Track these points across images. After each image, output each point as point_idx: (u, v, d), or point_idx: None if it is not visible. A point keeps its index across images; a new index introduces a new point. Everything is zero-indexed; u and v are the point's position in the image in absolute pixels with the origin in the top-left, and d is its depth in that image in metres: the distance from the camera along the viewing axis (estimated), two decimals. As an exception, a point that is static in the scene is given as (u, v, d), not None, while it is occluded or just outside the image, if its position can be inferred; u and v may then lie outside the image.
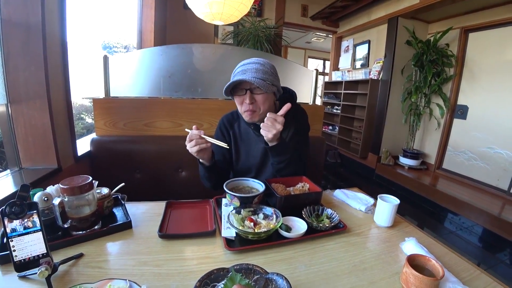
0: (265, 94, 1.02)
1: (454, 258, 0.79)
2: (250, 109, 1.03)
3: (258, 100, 1.02)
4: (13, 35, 1.20)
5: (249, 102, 1.01)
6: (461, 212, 2.79)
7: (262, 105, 1.03)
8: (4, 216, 0.60)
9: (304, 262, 0.74)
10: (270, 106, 1.07)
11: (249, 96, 1.01)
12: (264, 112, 1.03)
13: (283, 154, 1.05)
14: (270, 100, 1.05)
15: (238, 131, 1.21)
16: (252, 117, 1.05)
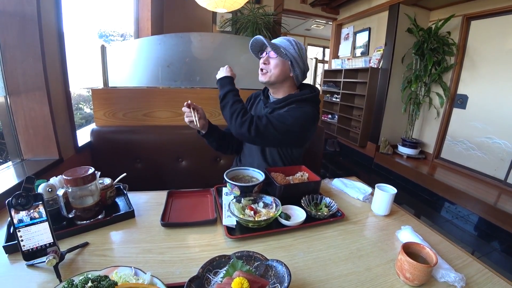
0: (277, 60, 1.13)
1: (448, 246, 0.82)
2: (263, 67, 1.15)
3: (271, 63, 1.14)
4: (9, 26, 1.18)
5: (263, 62, 1.16)
6: (457, 201, 2.84)
7: (274, 68, 1.14)
8: (11, 207, 0.62)
9: (303, 249, 0.76)
10: (280, 74, 1.15)
11: (266, 57, 1.15)
12: (275, 76, 1.14)
13: (221, 89, 1.17)
14: (282, 67, 1.14)
15: (256, 104, 1.35)
16: (263, 76, 1.16)
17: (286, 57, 1.13)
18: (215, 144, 1.25)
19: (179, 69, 1.69)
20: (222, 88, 1.16)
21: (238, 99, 1.11)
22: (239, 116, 1.04)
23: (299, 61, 1.15)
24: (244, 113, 1.06)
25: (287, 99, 1.16)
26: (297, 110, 1.12)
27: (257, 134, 1.03)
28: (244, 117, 1.04)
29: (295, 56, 1.13)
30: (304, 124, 1.11)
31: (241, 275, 0.52)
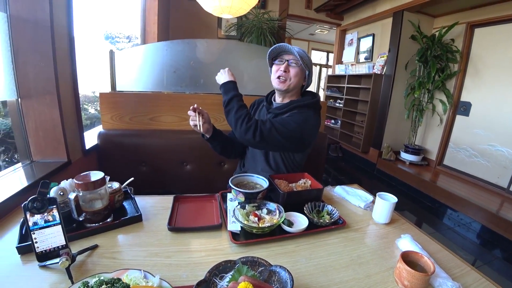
0: (298, 69, 1.15)
1: (446, 255, 0.83)
2: (282, 75, 1.15)
3: (292, 71, 1.15)
4: (22, 31, 1.22)
5: (283, 69, 1.15)
6: (460, 208, 2.83)
7: (294, 76, 1.16)
8: (26, 210, 0.65)
9: (305, 255, 0.78)
10: (298, 83, 1.19)
11: (286, 65, 1.15)
12: (293, 84, 1.17)
13: (226, 94, 1.18)
14: (300, 77, 1.18)
15: (260, 109, 1.36)
16: (282, 84, 1.17)
17: (306, 67, 1.17)
18: (218, 148, 1.28)
19: (184, 75, 1.72)
20: (226, 93, 1.18)
21: (242, 105, 1.14)
22: (244, 122, 1.06)
23: (311, 72, 1.21)
24: (249, 119, 1.07)
25: (289, 105, 1.18)
26: (299, 115, 1.14)
27: (261, 139, 1.06)
28: (249, 123, 1.06)
29: (310, 67, 1.19)
30: (306, 128, 1.13)
31: (246, 279, 0.54)
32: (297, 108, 1.17)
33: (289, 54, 1.16)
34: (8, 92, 1.23)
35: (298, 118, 1.13)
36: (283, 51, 1.17)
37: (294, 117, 1.13)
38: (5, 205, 0.94)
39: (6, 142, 2.18)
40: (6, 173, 1.22)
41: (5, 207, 0.94)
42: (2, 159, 2.17)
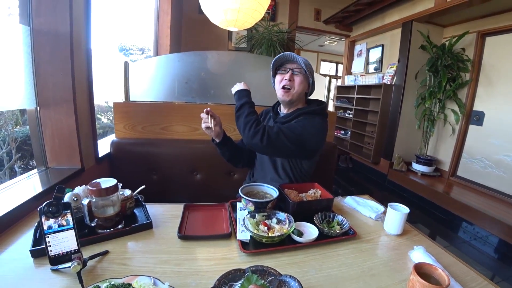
0: (302, 77, 1.17)
1: (462, 268, 0.80)
2: (287, 84, 1.16)
3: (296, 80, 1.16)
4: (43, 44, 1.28)
5: (288, 78, 1.15)
6: (475, 221, 2.74)
7: (298, 85, 1.16)
8: (42, 214, 0.67)
9: (315, 266, 0.77)
10: (302, 91, 1.19)
11: (290, 74, 1.16)
12: (297, 93, 1.17)
13: (238, 100, 1.20)
14: (304, 85, 1.19)
15: (267, 120, 1.37)
16: (286, 94, 1.17)
17: (310, 75, 1.18)
18: (227, 154, 1.29)
19: (196, 85, 1.76)
20: (239, 99, 1.20)
21: (252, 111, 1.15)
22: (252, 126, 1.07)
23: (314, 79, 1.22)
24: (257, 123, 1.08)
25: (295, 112, 1.20)
26: (306, 121, 1.16)
27: (269, 143, 1.05)
28: (257, 127, 1.07)
29: (313, 74, 1.20)
30: (313, 133, 1.13)
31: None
32: (304, 114, 1.18)
33: (292, 63, 1.18)
34: (28, 101, 1.28)
35: (305, 123, 1.14)
36: (287, 60, 1.19)
37: (301, 122, 1.15)
38: (21, 210, 0.97)
39: (23, 149, 2.26)
40: (22, 178, 1.26)
41: (20, 211, 0.96)
42: (18, 166, 2.24)
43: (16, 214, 0.95)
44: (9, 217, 0.92)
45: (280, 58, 1.18)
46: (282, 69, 1.21)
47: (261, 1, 1.78)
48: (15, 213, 0.95)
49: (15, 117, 2.36)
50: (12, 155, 2.19)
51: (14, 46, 1.19)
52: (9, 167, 2.19)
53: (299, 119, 1.17)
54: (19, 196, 1.04)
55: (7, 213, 0.92)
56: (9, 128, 2.25)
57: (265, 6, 1.94)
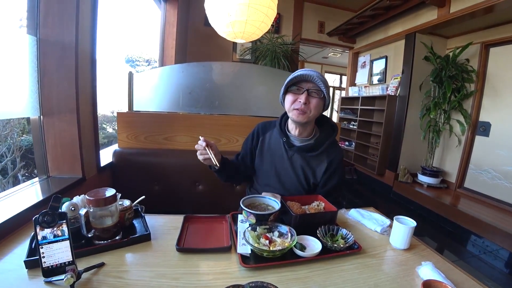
0: (319, 100, 1.06)
1: (474, 285, 0.76)
2: (302, 108, 1.05)
3: (313, 103, 1.06)
4: (49, 53, 1.30)
5: (303, 101, 1.04)
6: (484, 234, 2.65)
7: (314, 109, 1.06)
8: (37, 224, 0.65)
9: (319, 282, 0.74)
10: (318, 114, 1.12)
11: (306, 96, 1.05)
12: (314, 116, 1.08)
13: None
14: (320, 108, 1.10)
15: (269, 139, 1.26)
16: (302, 117, 1.07)
17: (327, 96, 1.07)
18: (224, 177, 1.23)
19: (200, 96, 1.77)
20: None
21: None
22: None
23: (330, 98, 1.13)
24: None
25: (318, 146, 1.15)
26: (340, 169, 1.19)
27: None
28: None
29: (329, 95, 1.10)
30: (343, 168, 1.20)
31: (254, 307, 0.51)
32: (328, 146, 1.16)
33: (308, 83, 1.05)
34: (32, 109, 1.29)
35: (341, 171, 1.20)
36: (304, 79, 1.05)
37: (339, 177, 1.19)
38: (18, 219, 0.95)
39: (27, 157, 2.27)
40: (23, 187, 1.25)
41: (18, 221, 0.95)
42: (22, 174, 2.25)
43: (14, 223, 0.93)
44: (6, 227, 0.90)
45: (297, 77, 1.05)
46: (297, 87, 1.07)
47: (268, 13, 1.79)
48: (12, 222, 0.93)
49: (22, 125, 2.38)
50: (17, 163, 2.21)
51: (20, 56, 1.21)
52: (13, 175, 2.20)
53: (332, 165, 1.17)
54: (18, 205, 1.03)
55: (3, 222, 0.90)
56: (15, 136, 2.27)
57: (272, 18, 1.96)
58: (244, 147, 1.32)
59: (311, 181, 1.20)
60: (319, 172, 1.19)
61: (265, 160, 1.25)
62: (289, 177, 1.20)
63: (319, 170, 1.19)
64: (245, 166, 1.30)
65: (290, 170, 1.20)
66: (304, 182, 1.20)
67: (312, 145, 1.15)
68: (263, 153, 1.26)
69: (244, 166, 1.30)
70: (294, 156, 1.19)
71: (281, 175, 1.22)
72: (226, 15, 1.70)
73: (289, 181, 1.21)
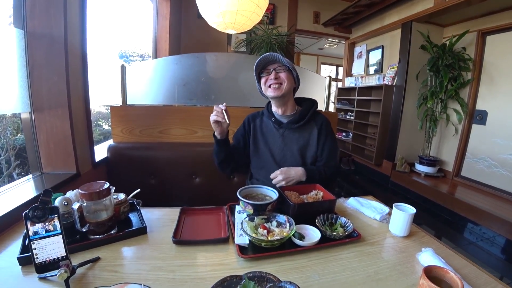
0: (286, 73, 1.18)
1: (474, 270, 0.76)
2: (275, 82, 1.17)
3: (282, 76, 1.18)
4: (38, 47, 1.26)
5: (274, 77, 1.17)
6: (481, 221, 2.68)
7: (286, 80, 1.18)
8: (27, 219, 0.63)
9: (318, 271, 0.73)
10: (291, 86, 1.21)
11: (274, 73, 1.17)
12: (287, 88, 1.18)
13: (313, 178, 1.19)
14: (291, 80, 1.20)
15: (260, 125, 1.34)
16: (278, 90, 1.18)
17: (293, 69, 1.19)
18: (222, 156, 1.27)
19: (194, 88, 1.73)
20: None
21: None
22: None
23: (297, 76, 1.24)
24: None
25: (303, 116, 1.25)
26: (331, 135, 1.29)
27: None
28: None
29: (295, 69, 1.21)
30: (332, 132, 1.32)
31: (253, 296, 0.50)
32: (312, 116, 1.27)
33: (273, 64, 1.19)
34: (22, 105, 1.26)
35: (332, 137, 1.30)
36: (267, 62, 1.20)
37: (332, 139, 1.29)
38: (11, 216, 0.94)
39: (22, 156, 2.24)
40: (16, 184, 1.23)
41: (10, 218, 0.93)
42: (17, 173, 2.22)
43: (6, 221, 0.91)
44: (-2, 225, 0.88)
45: (260, 61, 1.18)
46: (265, 72, 1.22)
47: (259, 3, 1.76)
48: (5, 220, 0.91)
49: (16, 124, 2.34)
50: (11, 163, 2.17)
51: (8, 49, 1.17)
52: (8, 174, 2.16)
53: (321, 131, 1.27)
54: (10, 203, 1.01)
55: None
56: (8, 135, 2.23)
57: (263, 9, 1.92)
58: (236, 135, 1.39)
59: (306, 153, 1.28)
60: (312, 140, 1.27)
61: (260, 144, 1.32)
62: (284, 155, 1.28)
63: (312, 138, 1.27)
64: (239, 154, 1.34)
65: (284, 147, 1.28)
66: (299, 156, 1.27)
67: (297, 117, 1.25)
68: (256, 138, 1.33)
69: (238, 154, 1.33)
70: (285, 132, 1.27)
71: (276, 155, 1.28)
72: (216, 5, 1.67)
73: (285, 160, 1.27)
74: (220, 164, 1.30)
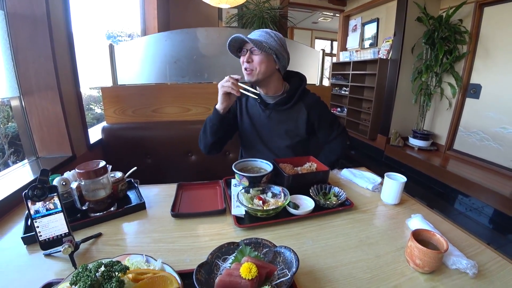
0: (261, 56, 1.08)
1: (459, 234, 0.80)
2: (247, 67, 1.09)
3: (255, 60, 1.08)
4: (20, 28, 1.21)
5: (246, 60, 1.09)
6: (471, 193, 2.77)
7: (258, 65, 1.08)
8: (27, 199, 0.64)
9: (312, 237, 0.76)
10: (268, 69, 1.10)
11: (248, 55, 1.09)
12: (261, 73, 1.09)
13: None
14: (267, 63, 1.09)
15: (245, 104, 1.29)
16: (250, 76, 1.11)
17: (270, 51, 1.07)
18: (221, 132, 1.20)
19: (186, 65, 1.70)
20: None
21: None
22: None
23: (282, 52, 1.11)
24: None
25: (290, 97, 1.18)
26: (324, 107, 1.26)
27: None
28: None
29: (278, 48, 1.09)
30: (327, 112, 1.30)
31: (249, 260, 0.53)
32: (301, 97, 1.20)
33: (248, 43, 1.08)
34: (10, 89, 1.23)
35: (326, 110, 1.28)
36: (240, 42, 1.09)
37: (326, 110, 1.27)
38: (11, 200, 0.94)
39: (16, 144, 2.22)
40: (13, 169, 1.23)
41: (10, 202, 0.94)
42: (12, 161, 2.21)
43: (6, 204, 0.92)
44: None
45: (230, 44, 1.09)
46: (243, 50, 1.11)
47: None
48: (5, 203, 0.92)
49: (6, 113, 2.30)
50: (5, 151, 2.16)
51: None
52: (3, 162, 2.16)
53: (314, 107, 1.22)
54: (9, 187, 1.02)
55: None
56: (-3, 122, 2.19)
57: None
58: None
59: (294, 134, 1.24)
60: (301, 123, 1.23)
61: (246, 125, 1.28)
62: (272, 137, 1.25)
63: (301, 120, 1.22)
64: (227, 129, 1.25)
65: (272, 129, 1.24)
66: (287, 137, 1.24)
67: (284, 98, 1.18)
68: (243, 118, 1.28)
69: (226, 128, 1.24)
70: (272, 114, 1.22)
71: (263, 137, 1.26)
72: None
73: (273, 141, 1.25)
74: (213, 145, 1.23)
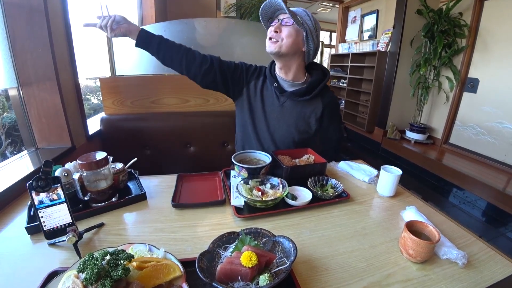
0: (291, 29, 1.03)
1: (451, 226, 0.83)
2: (273, 36, 1.04)
3: (284, 31, 1.03)
4: (17, 18, 1.20)
5: (274, 29, 1.04)
6: (465, 186, 2.81)
7: (286, 37, 1.03)
8: (31, 189, 0.65)
9: (309, 228, 0.79)
10: (292, 46, 1.05)
11: (277, 25, 1.04)
12: (286, 46, 1.03)
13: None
14: (295, 39, 1.04)
15: (261, 87, 1.20)
16: (273, 46, 1.05)
17: (302, 27, 1.03)
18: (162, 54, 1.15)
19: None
20: None
21: None
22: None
23: (314, 35, 1.06)
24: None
25: (310, 90, 1.13)
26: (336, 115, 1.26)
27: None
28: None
29: (311, 28, 1.05)
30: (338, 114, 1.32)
31: (249, 249, 0.55)
32: (320, 91, 1.15)
33: (284, 13, 1.04)
34: (9, 80, 1.22)
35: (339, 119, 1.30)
36: (276, 9, 1.05)
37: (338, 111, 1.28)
38: (13, 190, 0.95)
39: (13, 135, 2.21)
40: (12, 160, 1.23)
41: (13, 192, 0.95)
42: (10, 151, 2.21)
43: (8, 195, 0.93)
44: (1, 199, 0.90)
45: (265, 8, 1.04)
46: (275, 21, 1.07)
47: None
48: (7, 194, 0.93)
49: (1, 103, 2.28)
50: (2, 141, 2.15)
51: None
52: (1, 153, 2.15)
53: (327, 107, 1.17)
54: (9, 178, 1.02)
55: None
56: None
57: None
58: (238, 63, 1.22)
59: (302, 128, 1.19)
60: (313, 119, 1.18)
61: (256, 107, 1.20)
62: (280, 126, 1.19)
63: (313, 116, 1.17)
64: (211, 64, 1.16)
65: (282, 118, 1.18)
66: (295, 130, 1.18)
67: (304, 89, 1.13)
68: (256, 98, 1.20)
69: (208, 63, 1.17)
70: (286, 102, 1.17)
71: (270, 125, 1.19)
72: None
73: (279, 131, 1.19)
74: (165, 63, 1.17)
